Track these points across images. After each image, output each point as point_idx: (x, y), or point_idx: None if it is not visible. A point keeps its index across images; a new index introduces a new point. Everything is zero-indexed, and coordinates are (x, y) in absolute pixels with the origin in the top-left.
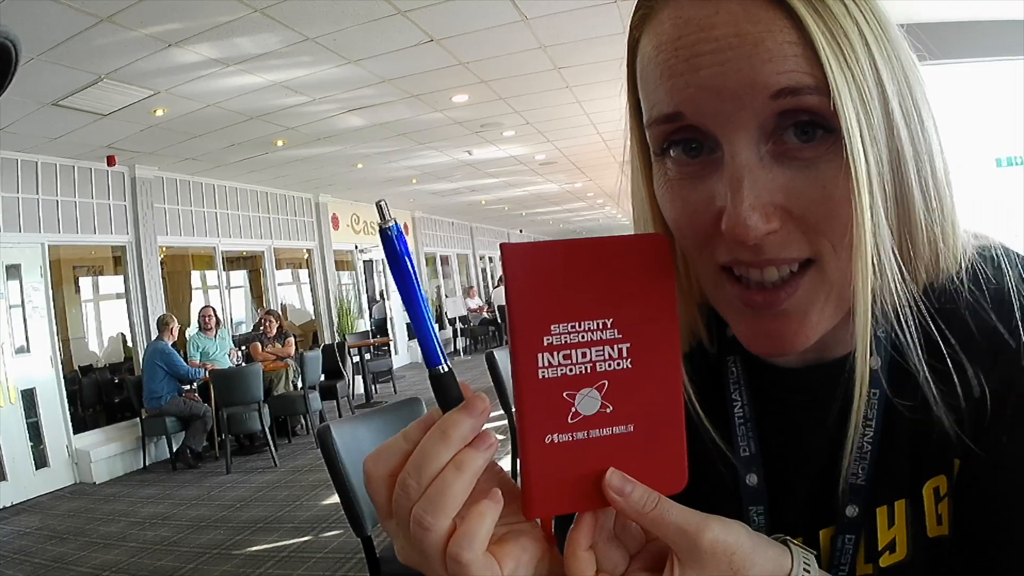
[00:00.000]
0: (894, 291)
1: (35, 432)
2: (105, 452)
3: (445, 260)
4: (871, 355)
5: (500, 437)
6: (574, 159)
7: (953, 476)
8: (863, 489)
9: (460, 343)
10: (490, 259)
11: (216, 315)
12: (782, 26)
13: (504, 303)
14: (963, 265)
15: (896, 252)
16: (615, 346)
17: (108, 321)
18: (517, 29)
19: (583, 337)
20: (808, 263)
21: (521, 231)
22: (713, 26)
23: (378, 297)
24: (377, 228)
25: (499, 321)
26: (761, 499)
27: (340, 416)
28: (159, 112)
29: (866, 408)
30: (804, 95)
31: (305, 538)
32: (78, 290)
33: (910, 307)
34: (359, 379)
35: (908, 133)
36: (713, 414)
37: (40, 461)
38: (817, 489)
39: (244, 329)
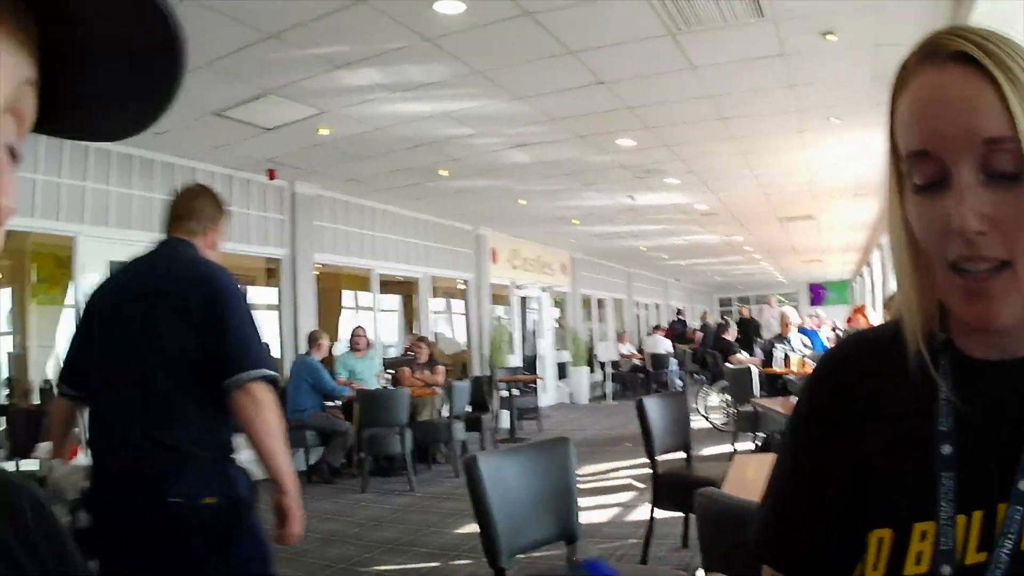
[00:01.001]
0: None
1: None
2: (241, 459)
3: (601, 303)
4: None
5: (640, 485)
6: (735, 211)
7: None
8: None
9: (609, 388)
10: (646, 306)
11: (367, 336)
12: (989, 90)
13: (656, 351)
14: None
15: None
16: None
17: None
18: (685, 76)
19: None
20: (1006, 264)
21: (678, 280)
22: (945, 89)
23: (531, 335)
24: None
25: (649, 369)
26: (951, 466)
27: (483, 448)
28: (323, 131)
29: None
30: (1005, 143)
31: (434, 564)
32: None
33: None
34: (505, 414)
35: None
36: (922, 396)
37: None
38: (1001, 467)
39: (393, 353)
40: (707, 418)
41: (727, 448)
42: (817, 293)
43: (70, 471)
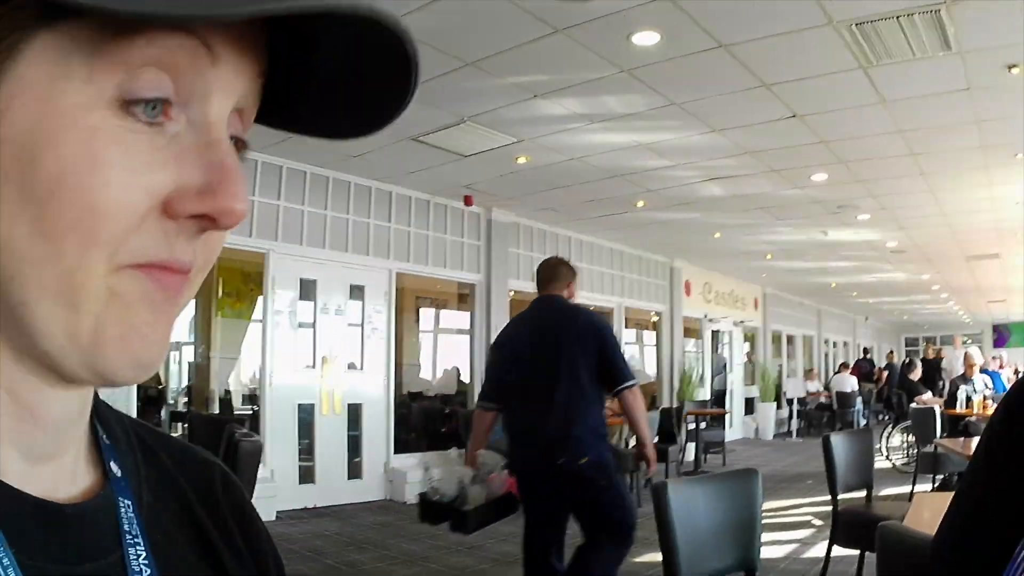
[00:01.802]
0: None
1: (354, 445)
2: (421, 475)
3: (790, 339)
4: None
5: (818, 523)
6: (923, 248)
7: None
8: None
9: (794, 424)
10: (834, 344)
11: None
12: None
13: (843, 389)
14: None
15: None
16: None
17: (445, 353)
18: (876, 111)
19: None
20: None
21: (867, 319)
22: None
23: (721, 369)
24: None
25: (835, 407)
26: None
27: (667, 478)
28: (520, 159)
29: None
30: None
31: None
32: (418, 320)
33: None
34: (691, 446)
35: None
36: None
37: (353, 472)
38: None
39: None
40: (889, 458)
41: (907, 488)
42: (1000, 334)
43: (488, 459)
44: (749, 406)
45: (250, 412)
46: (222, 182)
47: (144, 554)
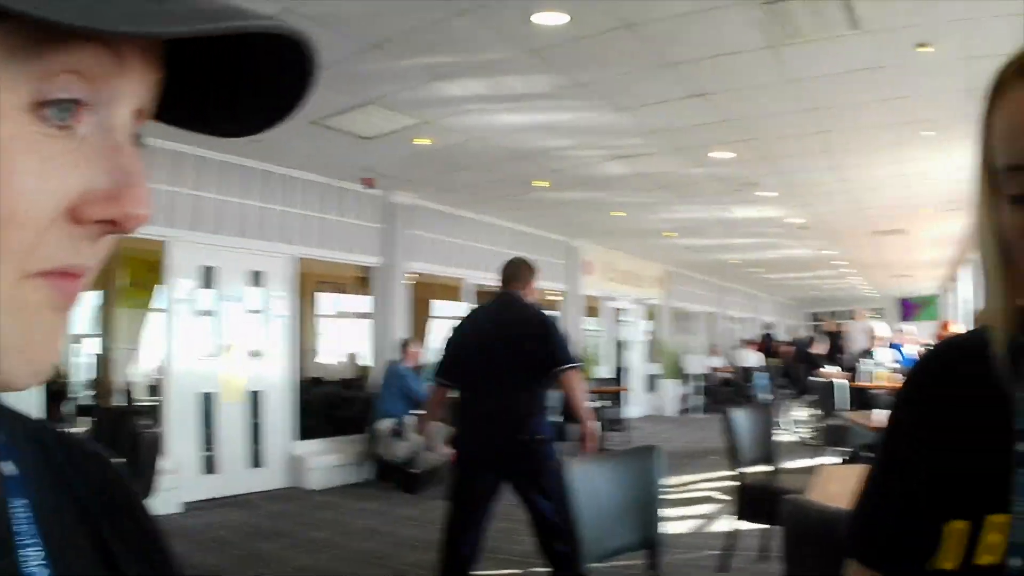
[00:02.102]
0: None
1: (255, 432)
2: (324, 462)
3: (692, 316)
4: None
5: (724, 497)
6: (827, 225)
7: None
8: None
9: (697, 400)
10: (737, 320)
11: None
12: None
13: (746, 364)
14: None
15: None
16: None
17: (345, 338)
18: (782, 89)
19: None
20: None
21: (769, 294)
22: None
23: (621, 347)
24: None
25: (738, 382)
26: None
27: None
28: (422, 141)
29: None
30: None
31: (516, 571)
32: (318, 304)
33: None
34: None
35: None
36: (1002, 397)
37: (256, 460)
38: None
39: None
40: (794, 431)
41: (812, 461)
42: (907, 308)
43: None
44: (652, 383)
45: (153, 403)
46: (128, 187)
47: (41, 554)
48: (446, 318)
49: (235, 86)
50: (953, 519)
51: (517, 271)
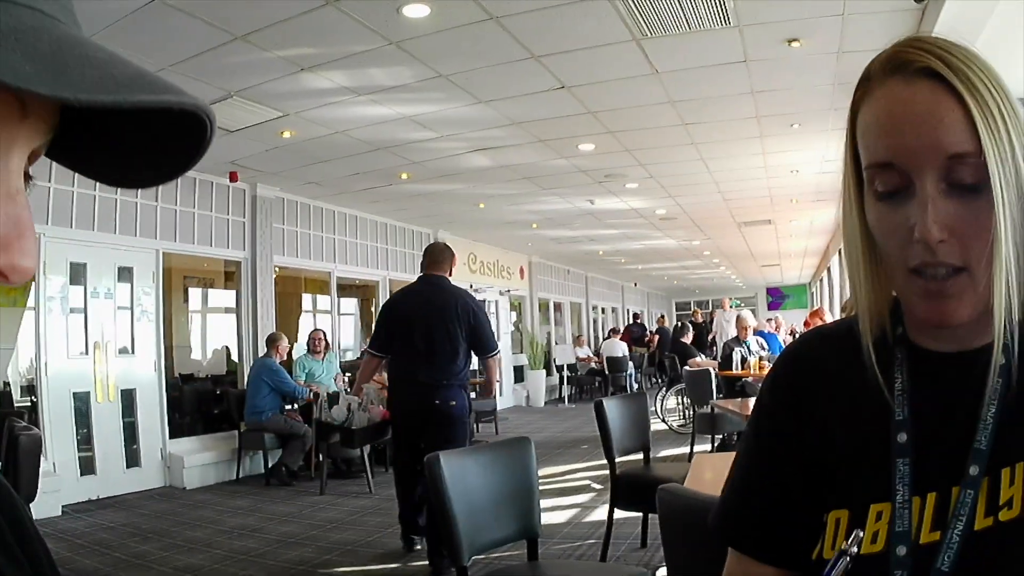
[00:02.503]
0: (1019, 301)
1: (130, 432)
2: (199, 460)
3: (558, 307)
4: (999, 354)
5: (598, 487)
6: (694, 216)
7: None
8: (983, 454)
9: (566, 391)
10: (602, 310)
11: (326, 339)
12: (955, 107)
13: (613, 355)
14: None
15: (1019, 273)
16: None
17: (214, 333)
18: (647, 82)
19: None
20: (963, 270)
21: (636, 284)
22: (912, 105)
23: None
24: None
25: (606, 372)
26: (907, 453)
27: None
28: (286, 134)
29: (991, 391)
30: (969, 158)
31: (393, 565)
32: (186, 300)
33: None
34: None
35: None
36: (879, 387)
37: (132, 460)
38: (953, 452)
39: (351, 356)
40: (665, 420)
41: (685, 450)
42: (775, 297)
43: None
44: (519, 375)
45: (28, 404)
46: (18, 238)
47: None
48: (314, 312)
49: (126, 142)
50: (835, 508)
51: (441, 256)
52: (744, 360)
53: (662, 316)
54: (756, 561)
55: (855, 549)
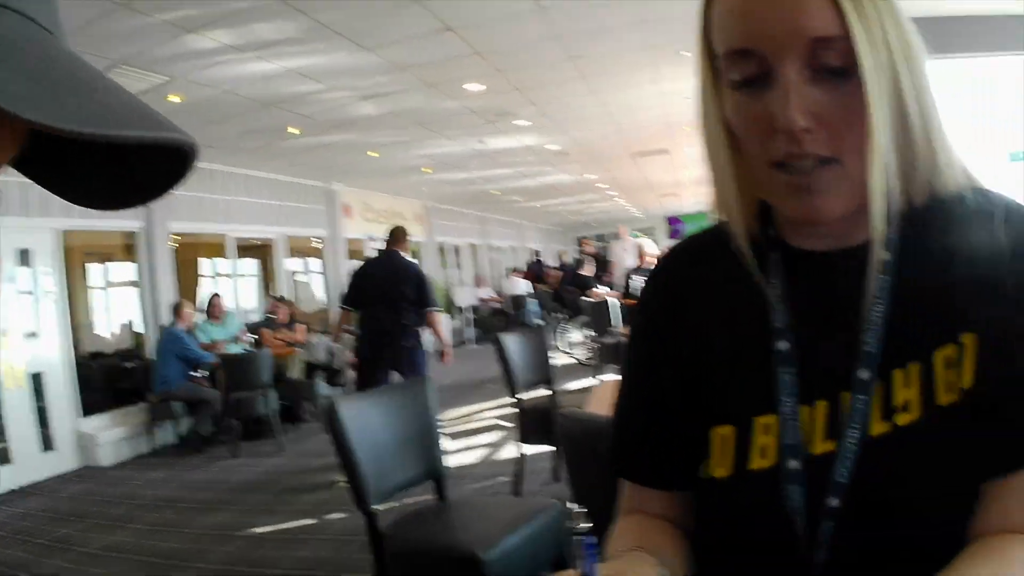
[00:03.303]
0: (899, 191)
1: (42, 416)
2: (112, 436)
3: (457, 250)
4: (882, 249)
5: (507, 424)
6: (588, 150)
7: (962, 348)
8: (873, 356)
9: (470, 332)
10: (502, 250)
11: (222, 303)
12: None
13: (515, 293)
14: (955, 194)
15: (899, 163)
16: None
17: (118, 308)
18: (532, 18)
19: None
20: (833, 161)
21: (534, 222)
22: None
23: None
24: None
25: (509, 311)
26: (790, 362)
27: None
28: (174, 99)
29: (876, 289)
30: (835, 42)
31: (310, 520)
32: (89, 277)
33: (917, 208)
34: None
35: (907, 70)
36: (755, 293)
37: (47, 444)
38: (839, 357)
39: (254, 317)
40: (570, 354)
41: (590, 381)
42: (675, 226)
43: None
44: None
45: None
46: None
47: None
48: (214, 276)
49: (96, 164)
50: (717, 424)
51: (397, 236)
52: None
53: (562, 251)
54: (648, 488)
55: (589, 525)
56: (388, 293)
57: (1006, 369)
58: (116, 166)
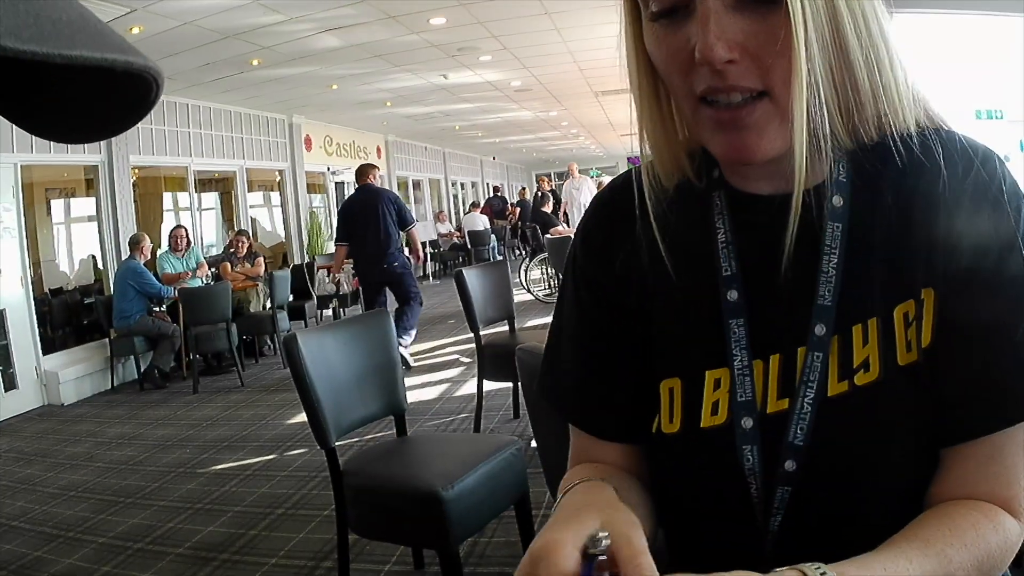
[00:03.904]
0: (840, 130)
1: (4, 354)
2: (73, 373)
3: (417, 185)
4: (834, 194)
5: (467, 360)
6: (550, 87)
7: (922, 304)
8: (829, 310)
9: (430, 268)
10: (462, 185)
11: (188, 236)
12: None
13: (475, 228)
14: (914, 134)
15: (841, 98)
16: None
17: (79, 243)
18: None
19: None
20: (763, 95)
21: (495, 158)
22: None
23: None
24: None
25: (469, 247)
26: (741, 312)
27: None
28: (135, 30)
29: (829, 236)
30: None
31: (270, 456)
32: (49, 212)
33: (867, 147)
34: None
35: None
36: (699, 240)
37: (8, 383)
38: (793, 309)
39: (215, 251)
40: (530, 290)
41: (550, 319)
42: (636, 165)
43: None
44: None
45: None
46: None
47: None
48: (176, 210)
49: (53, 91)
50: (666, 376)
51: (364, 171)
52: None
53: (523, 188)
54: (597, 439)
55: (601, 547)
56: (370, 220)
57: (964, 328)
58: (75, 92)
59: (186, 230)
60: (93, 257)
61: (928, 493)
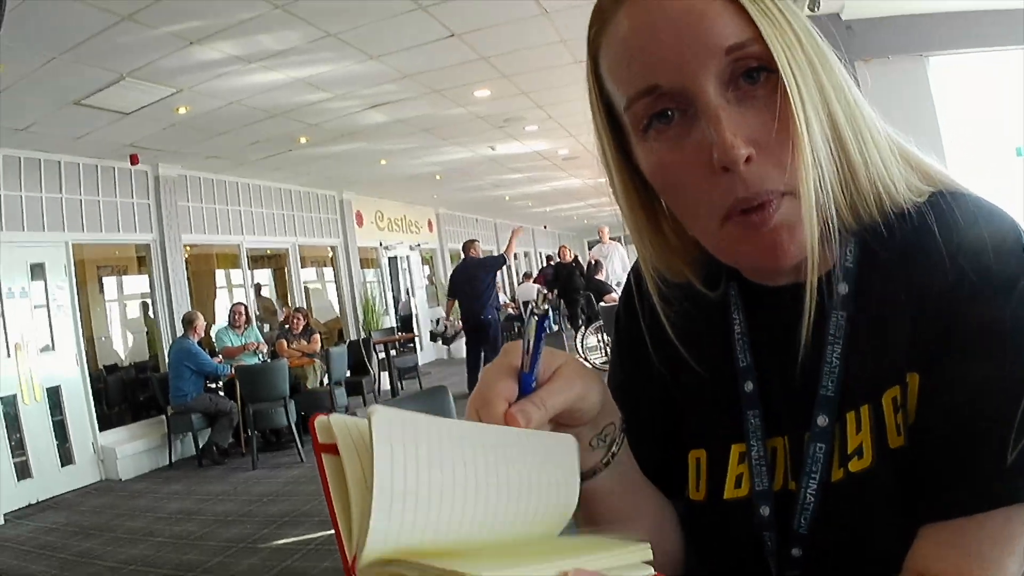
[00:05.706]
0: (843, 209)
1: (60, 430)
2: (131, 449)
3: None
4: (839, 281)
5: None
6: (596, 154)
7: (907, 389)
8: (831, 400)
9: None
10: (515, 256)
11: (247, 312)
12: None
13: (528, 299)
14: (911, 208)
15: (840, 174)
16: None
17: (133, 320)
18: (537, 23)
19: None
20: (789, 194)
21: (545, 227)
22: (664, 8)
23: (403, 294)
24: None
25: (524, 317)
26: (756, 404)
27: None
28: (181, 110)
29: (833, 326)
30: (748, 46)
31: (331, 531)
32: (102, 290)
33: (870, 227)
34: (385, 375)
35: (825, 72)
36: (715, 332)
37: (66, 458)
38: (800, 398)
39: (268, 329)
40: (586, 359)
41: None
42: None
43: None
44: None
45: None
46: None
47: None
48: (229, 287)
49: None
50: (693, 447)
51: (468, 246)
52: None
53: (576, 257)
54: None
55: (545, 306)
56: (470, 283)
57: (931, 415)
58: None
59: (245, 307)
60: (147, 334)
61: (903, 564)
